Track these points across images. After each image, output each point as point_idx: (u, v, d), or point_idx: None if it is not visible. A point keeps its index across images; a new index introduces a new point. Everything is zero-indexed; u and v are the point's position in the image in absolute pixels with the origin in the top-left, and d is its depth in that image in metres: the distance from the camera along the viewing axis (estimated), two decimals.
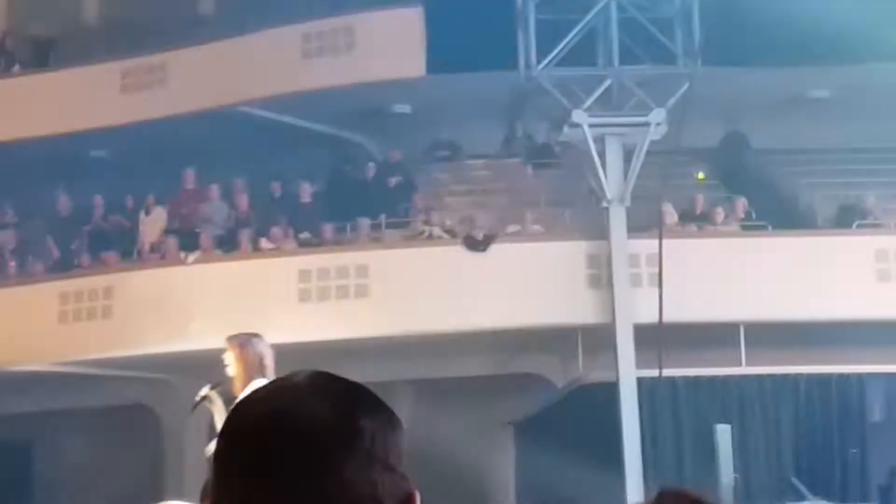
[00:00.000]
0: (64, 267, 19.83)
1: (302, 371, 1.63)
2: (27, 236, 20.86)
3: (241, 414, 1.59)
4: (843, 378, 16.60)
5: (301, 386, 1.60)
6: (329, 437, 1.54)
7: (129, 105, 20.12)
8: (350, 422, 1.56)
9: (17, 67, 22.03)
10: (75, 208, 20.99)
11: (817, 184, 19.19)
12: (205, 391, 8.90)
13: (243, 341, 9.02)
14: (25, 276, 19.88)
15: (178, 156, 19.82)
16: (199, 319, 17.74)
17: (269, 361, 8.90)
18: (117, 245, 20.19)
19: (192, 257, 18.85)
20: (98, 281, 18.79)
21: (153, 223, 20.19)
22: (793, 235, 17.99)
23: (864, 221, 18.60)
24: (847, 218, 18.74)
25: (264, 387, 1.63)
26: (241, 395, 8.92)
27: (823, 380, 16.60)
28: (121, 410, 18.53)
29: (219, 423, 8.99)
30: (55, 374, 18.64)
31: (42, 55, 22.18)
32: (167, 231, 19.96)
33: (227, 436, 1.58)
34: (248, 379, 8.87)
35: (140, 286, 18.43)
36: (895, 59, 16.32)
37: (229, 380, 8.81)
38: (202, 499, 2.53)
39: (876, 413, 16.93)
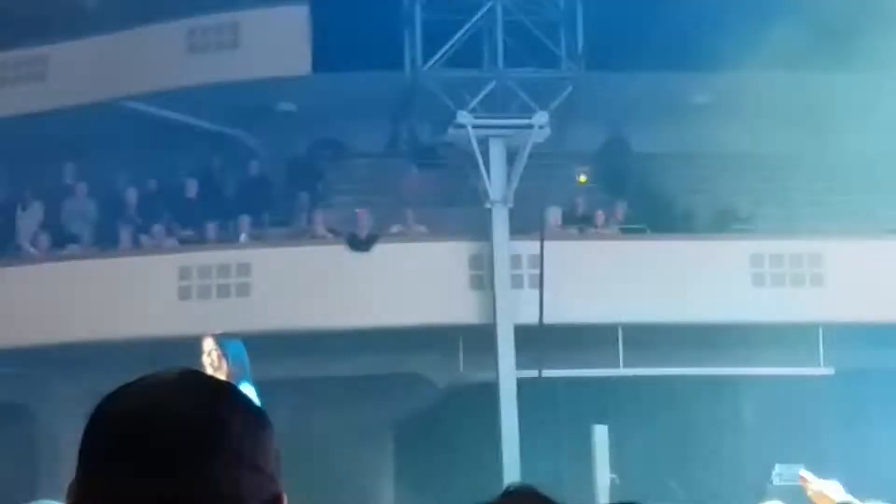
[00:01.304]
0: None
1: (174, 368, 1.62)
2: None
3: (109, 408, 1.57)
4: (719, 379, 16.88)
5: (170, 383, 1.58)
6: (195, 436, 1.53)
7: (7, 98, 19.79)
8: (216, 421, 1.55)
9: None
10: None
11: (696, 188, 19.46)
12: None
13: (227, 343, 9.02)
14: None
15: (58, 150, 19.54)
16: (78, 316, 17.54)
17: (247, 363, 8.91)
18: None
19: (69, 252, 18.60)
20: None
21: (29, 219, 19.89)
22: (671, 239, 18.23)
23: (740, 226, 18.91)
24: (724, 222, 19.04)
25: (134, 382, 1.61)
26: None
27: (699, 381, 16.86)
28: None
29: None
30: None
31: None
32: (44, 226, 19.66)
33: (94, 429, 1.56)
34: (235, 380, 8.87)
35: (17, 282, 18.15)
36: (774, 66, 16.63)
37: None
38: (67, 497, 2.51)
39: (749, 414, 17.26)
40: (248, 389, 9.00)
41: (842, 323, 17.08)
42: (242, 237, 18.65)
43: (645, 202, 19.22)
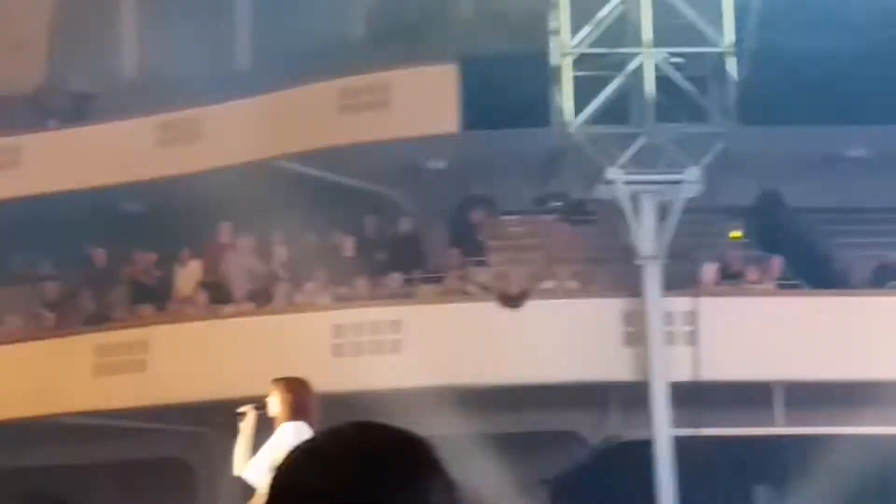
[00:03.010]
0: (99, 320, 19.89)
1: (352, 425, 1.63)
2: (63, 289, 20.95)
3: (276, 478, 1.61)
4: (884, 439, 16.47)
5: (325, 453, 1.60)
6: None
7: (165, 159, 20.23)
8: (362, 497, 1.56)
9: (53, 121, 22.17)
10: (111, 262, 21.08)
11: (852, 243, 19.13)
12: (247, 408, 9.17)
13: (288, 385, 9.25)
14: (62, 329, 19.94)
15: (213, 209, 19.90)
16: (234, 372, 17.77)
17: (313, 407, 9.09)
18: (152, 298, 20.25)
19: (227, 310, 18.91)
20: (133, 334, 18.85)
21: (188, 276, 20.27)
22: (828, 295, 17.92)
23: None
24: (882, 277, 18.67)
25: (301, 449, 1.64)
26: (284, 435, 9.03)
27: (863, 440, 16.48)
28: (155, 463, 18.54)
29: (241, 443, 9.20)
30: (90, 427, 18.67)
31: (79, 109, 22.34)
32: (202, 284, 20.02)
33: (269, 498, 1.61)
34: (290, 414, 9.04)
35: (175, 340, 18.48)
36: None
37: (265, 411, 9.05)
38: None
39: None
40: (297, 431, 9.06)
41: None
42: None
43: (800, 257, 18.94)
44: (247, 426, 9.33)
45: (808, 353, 16.83)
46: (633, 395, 16.88)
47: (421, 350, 17.65)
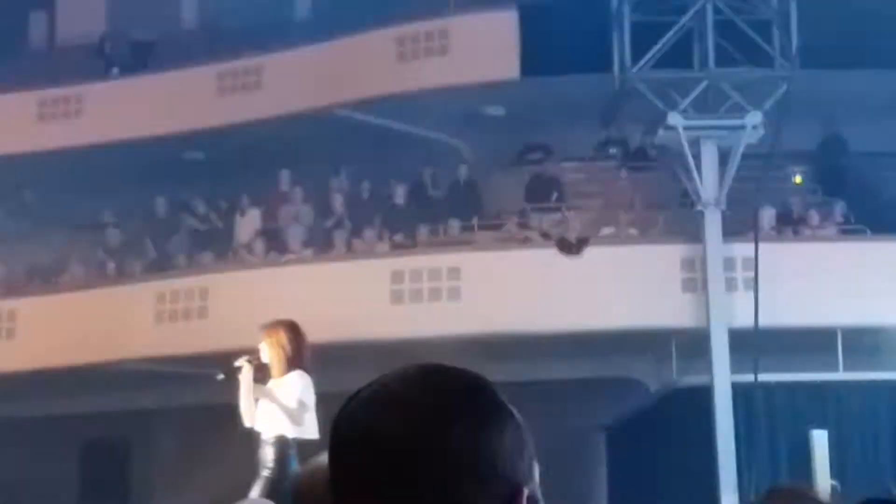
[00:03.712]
0: (160, 267, 20.08)
1: (418, 368, 1.64)
2: (125, 237, 21.15)
3: (337, 427, 1.62)
4: None
5: (393, 397, 1.60)
6: (411, 460, 1.55)
7: (225, 107, 20.32)
8: (435, 441, 1.56)
9: (115, 70, 22.33)
10: (171, 210, 21.24)
11: None
12: (241, 362, 9.11)
13: (279, 329, 9.18)
14: (124, 276, 20.15)
15: (273, 158, 19.99)
16: (295, 319, 17.85)
17: (306, 352, 9.04)
18: (213, 246, 20.41)
19: (286, 258, 19.00)
20: (194, 282, 19.00)
21: (248, 225, 20.38)
22: (891, 240, 17.70)
23: None
24: None
25: (363, 395, 1.63)
26: (276, 381, 9.04)
27: None
28: (215, 410, 18.66)
29: (243, 395, 9.16)
30: (151, 373, 18.87)
31: (140, 58, 22.46)
32: (261, 232, 20.14)
33: (330, 447, 1.63)
34: (285, 367, 9.01)
35: (235, 287, 18.60)
36: None
37: (260, 362, 9.02)
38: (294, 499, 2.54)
39: None
40: (302, 379, 9.03)
41: None
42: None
43: (864, 202, 18.72)
44: (245, 379, 9.28)
45: (870, 298, 16.66)
46: (693, 342, 16.80)
47: (480, 297, 17.65)
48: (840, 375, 16.68)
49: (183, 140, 20.39)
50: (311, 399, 9.08)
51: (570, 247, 17.86)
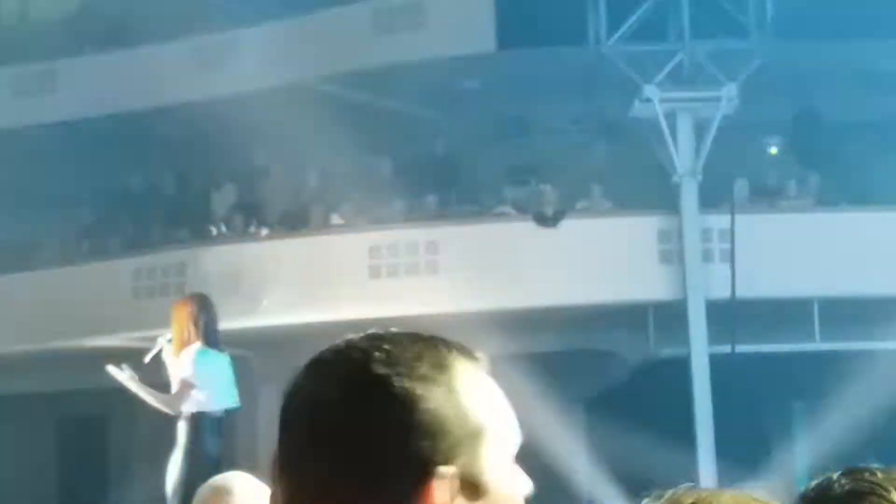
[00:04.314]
0: (137, 244, 20.01)
1: (363, 338, 1.67)
2: (100, 213, 21.08)
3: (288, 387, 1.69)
4: None
5: (327, 361, 1.66)
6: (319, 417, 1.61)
7: (200, 83, 20.21)
8: (335, 404, 1.60)
9: (89, 46, 22.18)
10: (147, 186, 21.17)
11: (891, 159, 18.93)
12: (161, 343, 9.09)
13: (185, 304, 9.16)
14: (101, 254, 20.09)
15: (249, 133, 19.91)
16: (270, 296, 17.87)
17: (213, 325, 9.03)
18: (189, 222, 20.35)
19: (263, 233, 18.96)
20: (171, 257, 18.96)
21: (224, 200, 20.33)
22: (866, 211, 17.77)
23: None
24: None
25: (330, 354, 1.68)
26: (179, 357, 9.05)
27: None
28: None
29: (171, 375, 9.18)
30: (129, 350, 18.80)
31: (114, 34, 22.32)
32: (238, 208, 20.08)
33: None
34: (183, 341, 9.02)
35: (212, 263, 18.56)
36: None
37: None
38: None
39: None
40: (203, 356, 9.02)
41: None
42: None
43: (838, 173, 18.78)
44: (168, 356, 9.30)
45: (845, 269, 16.73)
46: (670, 314, 16.85)
47: (457, 271, 17.66)
48: (817, 346, 16.75)
49: (157, 115, 20.27)
50: (204, 374, 9.11)
51: (547, 220, 17.87)
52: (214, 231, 19.88)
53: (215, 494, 4.46)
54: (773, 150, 20.23)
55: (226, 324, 17.52)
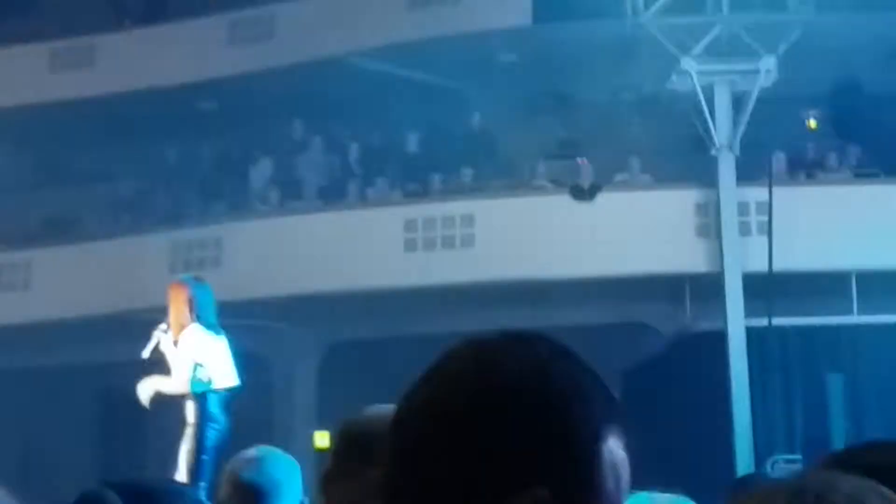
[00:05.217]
0: (174, 218, 20.10)
1: (469, 347, 1.62)
2: (138, 187, 21.18)
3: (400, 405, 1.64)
4: None
5: (442, 377, 1.61)
6: (438, 434, 1.57)
7: (238, 57, 20.27)
8: (458, 422, 1.56)
9: (127, 21, 22.27)
10: (184, 160, 21.24)
11: None
12: (159, 335, 9.11)
13: (180, 286, 9.17)
14: (138, 227, 20.19)
15: (286, 107, 19.96)
16: (307, 268, 17.93)
17: (197, 307, 9.01)
18: (226, 196, 20.42)
19: (298, 207, 19.02)
20: (208, 231, 19.04)
21: (260, 174, 20.39)
22: None
23: None
24: None
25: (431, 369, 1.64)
26: (178, 339, 9.07)
27: None
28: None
29: (170, 361, 9.22)
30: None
31: (153, 8, 22.40)
32: (274, 182, 20.14)
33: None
34: (181, 324, 9.04)
35: (248, 236, 18.64)
36: None
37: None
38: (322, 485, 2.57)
39: None
40: (203, 335, 9.04)
41: None
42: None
43: (878, 146, 18.64)
44: (167, 345, 9.33)
45: (884, 241, 16.61)
46: (707, 287, 16.80)
47: (493, 245, 17.67)
48: (854, 319, 16.66)
49: (196, 90, 20.34)
50: (205, 353, 9.16)
51: (583, 193, 17.83)
52: (251, 205, 19.94)
53: (248, 463, 4.50)
54: (812, 123, 20.11)
55: (263, 294, 17.71)
